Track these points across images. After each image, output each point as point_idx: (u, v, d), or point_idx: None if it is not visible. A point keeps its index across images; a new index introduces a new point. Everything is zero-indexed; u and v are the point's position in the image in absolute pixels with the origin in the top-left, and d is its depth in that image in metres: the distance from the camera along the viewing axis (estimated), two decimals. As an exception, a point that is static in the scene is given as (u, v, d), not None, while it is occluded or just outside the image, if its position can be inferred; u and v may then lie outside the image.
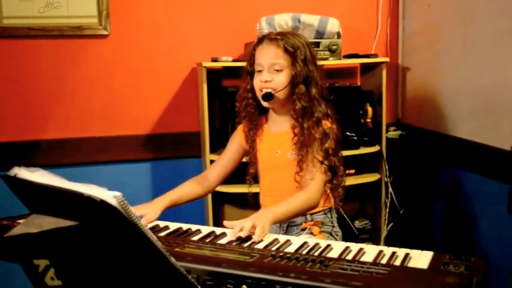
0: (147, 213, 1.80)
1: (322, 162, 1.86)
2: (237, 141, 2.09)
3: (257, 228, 1.56)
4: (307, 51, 1.92)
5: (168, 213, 1.89)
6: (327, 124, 1.91)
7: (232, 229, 1.60)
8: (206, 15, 3.01)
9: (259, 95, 1.93)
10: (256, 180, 2.09)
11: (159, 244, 1.08)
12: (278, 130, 2.00)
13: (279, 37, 1.90)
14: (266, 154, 2.01)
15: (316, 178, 1.86)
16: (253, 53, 1.95)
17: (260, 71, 1.91)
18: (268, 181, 2.02)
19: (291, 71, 1.89)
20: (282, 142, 1.96)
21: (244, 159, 2.12)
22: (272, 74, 1.89)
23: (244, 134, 2.05)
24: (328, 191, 1.97)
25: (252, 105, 2.00)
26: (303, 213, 1.88)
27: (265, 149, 2.01)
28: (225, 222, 1.65)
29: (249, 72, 1.98)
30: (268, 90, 1.89)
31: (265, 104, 1.94)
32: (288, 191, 1.92)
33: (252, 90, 1.97)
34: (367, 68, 3.09)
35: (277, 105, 1.95)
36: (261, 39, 1.94)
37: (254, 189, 2.11)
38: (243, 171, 2.11)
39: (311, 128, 1.87)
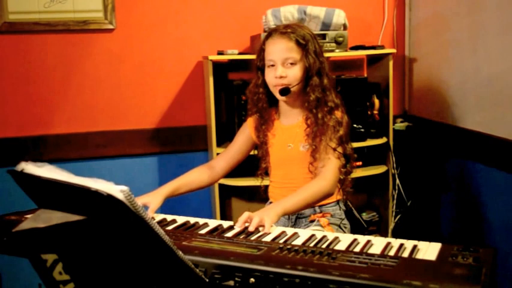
0: (149, 202, 1.81)
1: (335, 149, 1.86)
2: (246, 133, 2.08)
3: (265, 223, 1.57)
4: (316, 43, 1.92)
5: (176, 207, 1.89)
6: (338, 114, 1.91)
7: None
8: (211, 8, 3.00)
9: (273, 90, 1.93)
10: (267, 174, 2.09)
11: (166, 238, 1.09)
12: (290, 123, 1.99)
13: (289, 30, 1.88)
14: (278, 148, 2.00)
15: (328, 164, 1.85)
16: (263, 47, 1.93)
17: (272, 65, 1.90)
18: (281, 174, 2.02)
19: (304, 63, 1.88)
20: (293, 135, 1.96)
21: (252, 153, 2.12)
22: (286, 68, 1.88)
23: (254, 129, 2.04)
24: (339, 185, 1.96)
25: (264, 101, 1.99)
26: (317, 201, 1.86)
27: (277, 143, 2.01)
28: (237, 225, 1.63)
29: (259, 67, 1.97)
30: (285, 86, 1.88)
31: (282, 98, 1.93)
32: (299, 182, 1.92)
33: (263, 85, 1.96)
34: (373, 60, 3.07)
35: (292, 98, 1.94)
36: (270, 33, 1.92)
37: (264, 182, 2.11)
38: (250, 164, 2.11)
39: (324, 118, 1.87)
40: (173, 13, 2.97)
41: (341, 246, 1.41)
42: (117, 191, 0.99)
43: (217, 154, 2.66)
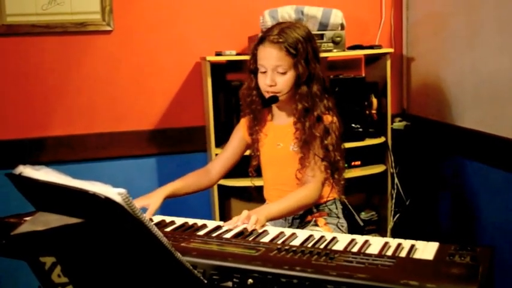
0: (148, 204, 1.83)
1: (322, 159, 1.87)
2: (239, 135, 2.09)
3: (252, 217, 1.61)
4: (309, 46, 1.89)
5: (175, 208, 1.90)
6: (328, 119, 1.90)
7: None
8: (209, 9, 3.00)
9: (265, 94, 1.93)
10: (259, 173, 2.09)
11: (164, 240, 1.09)
12: (281, 123, 2.00)
13: (280, 39, 1.85)
14: (268, 147, 2.01)
15: (316, 175, 1.87)
16: (255, 52, 1.93)
17: (264, 71, 1.90)
18: (271, 174, 2.03)
19: (295, 72, 1.87)
20: (284, 135, 1.96)
21: (246, 153, 2.13)
22: (276, 76, 1.87)
23: (248, 128, 2.05)
24: (332, 183, 1.97)
25: (257, 103, 1.99)
26: (300, 210, 1.90)
27: (268, 142, 2.01)
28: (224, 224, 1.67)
29: (252, 70, 1.97)
30: (274, 94, 1.89)
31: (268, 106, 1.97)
32: (291, 184, 1.92)
33: (256, 87, 1.96)
34: (371, 59, 3.08)
35: (282, 104, 1.95)
36: (262, 39, 1.90)
37: (258, 182, 2.12)
38: (249, 165, 2.11)
39: (312, 127, 1.88)
40: (171, 14, 2.97)
41: (339, 246, 1.41)
42: (115, 193, 1.00)
43: (216, 155, 2.67)
